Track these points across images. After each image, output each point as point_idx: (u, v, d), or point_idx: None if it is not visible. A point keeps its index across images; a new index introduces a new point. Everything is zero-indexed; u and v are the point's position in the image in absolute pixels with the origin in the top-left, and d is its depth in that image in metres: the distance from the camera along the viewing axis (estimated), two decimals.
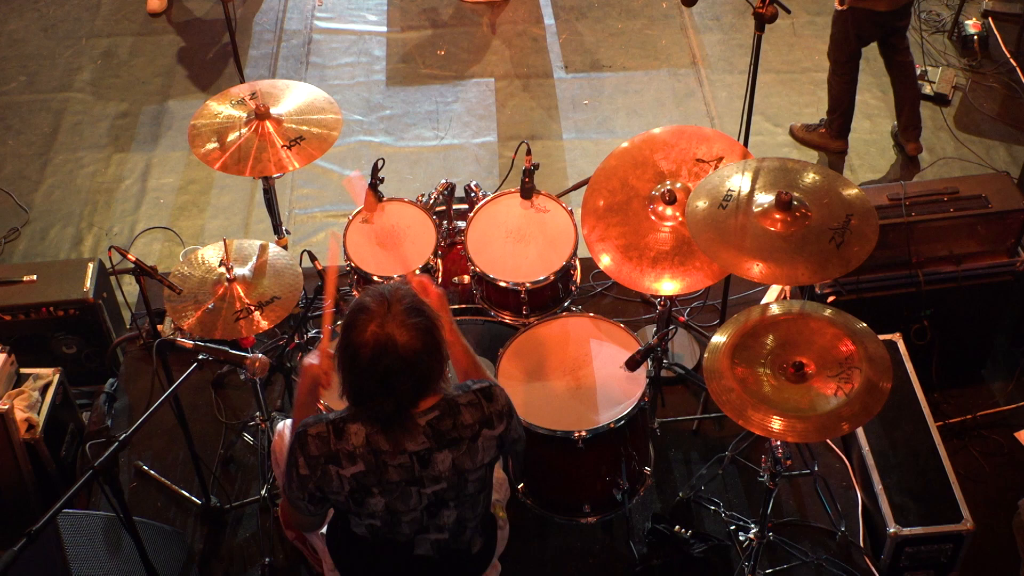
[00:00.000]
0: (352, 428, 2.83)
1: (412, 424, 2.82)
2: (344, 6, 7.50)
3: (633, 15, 7.38)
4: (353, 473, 2.83)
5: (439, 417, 2.84)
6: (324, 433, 2.84)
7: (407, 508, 2.91)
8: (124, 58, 7.09)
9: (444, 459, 2.86)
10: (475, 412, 2.89)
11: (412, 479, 2.86)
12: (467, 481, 2.92)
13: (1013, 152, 6.25)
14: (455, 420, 2.86)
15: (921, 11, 7.14)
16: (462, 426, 2.86)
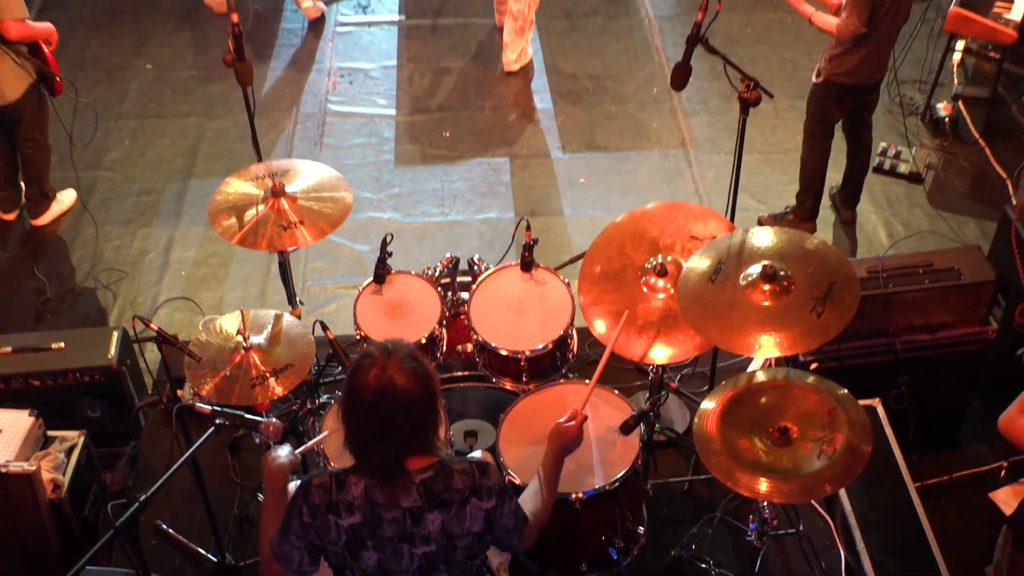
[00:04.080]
0: (352, 479, 2.84)
1: (407, 480, 2.83)
2: (356, 91, 7.57)
3: (625, 99, 7.45)
4: (350, 523, 2.83)
5: (432, 478, 2.85)
6: (327, 483, 2.85)
7: (399, 569, 2.89)
8: (150, 139, 7.15)
9: (434, 520, 2.85)
10: (467, 479, 2.89)
11: (404, 535, 2.85)
12: (455, 548, 2.90)
13: (983, 227, 6.27)
14: (447, 483, 2.86)
15: (896, 95, 7.20)
16: (453, 489, 2.86)
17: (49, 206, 6.50)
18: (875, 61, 5.65)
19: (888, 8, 5.42)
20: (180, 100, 7.52)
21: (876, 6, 5.40)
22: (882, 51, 5.66)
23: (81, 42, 8.04)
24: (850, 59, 5.62)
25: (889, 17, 5.48)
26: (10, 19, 5.65)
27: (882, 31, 5.52)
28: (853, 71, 5.66)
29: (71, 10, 8.36)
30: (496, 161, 6.97)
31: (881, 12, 5.43)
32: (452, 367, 4.73)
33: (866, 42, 5.55)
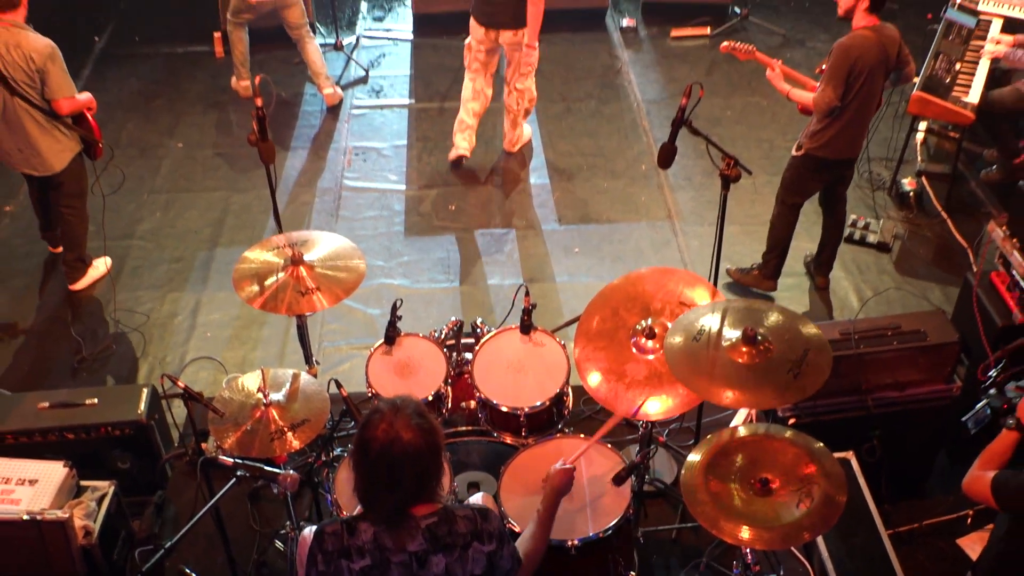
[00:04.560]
0: (362, 526, 2.84)
1: (413, 525, 2.83)
2: (369, 168, 7.62)
3: (617, 175, 7.49)
4: (361, 567, 2.82)
5: (437, 523, 2.84)
6: (338, 531, 2.85)
7: None
8: (180, 211, 7.18)
9: (439, 562, 2.83)
10: (469, 524, 2.89)
11: None
12: None
13: (947, 292, 6.27)
14: (450, 527, 2.85)
15: (865, 171, 7.25)
16: (456, 534, 2.85)
17: (86, 271, 6.51)
18: (850, 136, 5.70)
19: (861, 85, 5.47)
20: (208, 176, 7.56)
21: (851, 83, 5.46)
22: (856, 127, 5.70)
23: (119, 123, 8.11)
24: (828, 134, 5.67)
25: (862, 94, 5.52)
26: (63, 97, 5.71)
27: (855, 108, 5.57)
28: (830, 145, 5.70)
29: (111, 93, 8.44)
30: (497, 232, 6.99)
31: (855, 89, 5.48)
32: (457, 422, 4.71)
33: (841, 118, 5.60)
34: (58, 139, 5.86)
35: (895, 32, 5.54)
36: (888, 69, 5.58)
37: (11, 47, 5.49)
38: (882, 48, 5.46)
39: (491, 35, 6.89)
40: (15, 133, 5.76)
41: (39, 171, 5.93)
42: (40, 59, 5.54)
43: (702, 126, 4.62)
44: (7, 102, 5.65)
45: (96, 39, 9.27)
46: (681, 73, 8.65)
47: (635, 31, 9.33)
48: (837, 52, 5.44)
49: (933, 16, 7.51)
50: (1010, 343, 4.85)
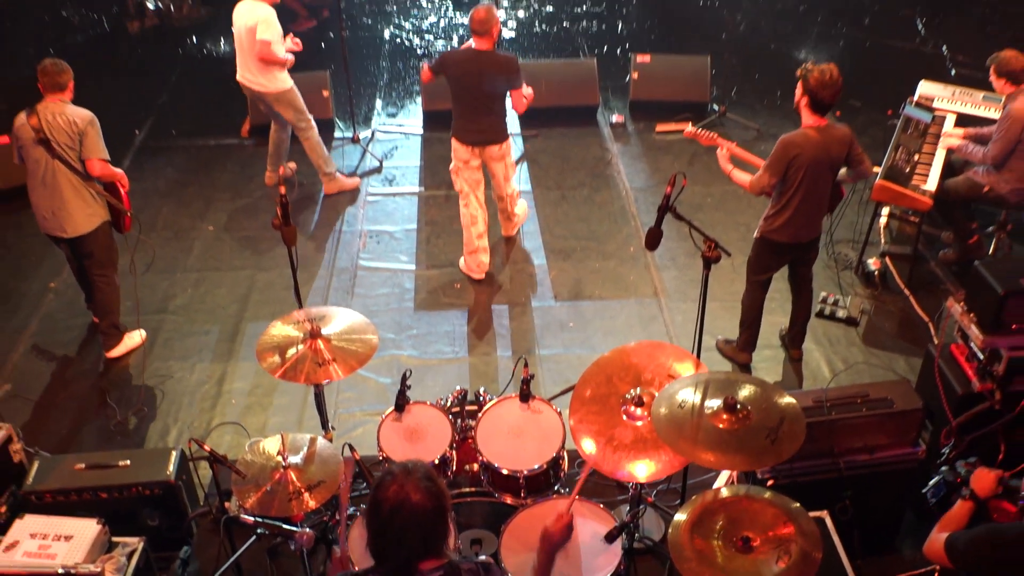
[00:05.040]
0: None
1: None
2: (382, 249, 7.66)
3: (608, 256, 7.53)
4: None
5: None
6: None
7: None
8: (209, 288, 7.21)
9: None
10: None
11: None
12: None
13: (911, 363, 6.26)
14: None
15: (833, 253, 7.29)
16: None
17: (121, 339, 6.54)
18: (798, 223, 5.70)
19: (802, 178, 5.50)
20: (236, 256, 7.60)
21: (790, 175, 5.51)
22: (802, 216, 5.68)
23: (156, 208, 8.18)
24: (778, 219, 5.73)
25: (804, 186, 5.54)
26: (96, 157, 5.91)
27: (800, 198, 5.59)
28: (781, 230, 5.75)
29: (148, 181, 8.54)
30: (498, 308, 7.00)
31: (796, 181, 5.52)
32: (461, 484, 4.67)
33: (789, 206, 5.64)
34: (88, 203, 6.03)
35: (844, 132, 5.57)
36: (834, 166, 5.59)
37: (57, 115, 5.80)
38: (824, 147, 5.47)
39: (476, 152, 6.86)
40: (51, 194, 5.94)
41: (68, 233, 6.05)
42: (82, 123, 5.83)
43: (685, 212, 4.67)
44: (47, 164, 5.87)
45: (136, 132, 9.41)
46: (665, 164, 8.75)
47: (623, 126, 9.46)
48: (778, 145, 5.52)
49: (893, 112, 7.63)
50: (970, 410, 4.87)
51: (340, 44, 9.04)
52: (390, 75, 10.71)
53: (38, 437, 5.76)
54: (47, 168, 5.87)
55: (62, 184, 5.90)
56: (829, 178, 5.62)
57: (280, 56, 7.45)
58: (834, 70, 5.40)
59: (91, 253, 6.18)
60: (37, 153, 5.85)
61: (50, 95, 5.85)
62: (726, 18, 10.89)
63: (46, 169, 5.88)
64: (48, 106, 5.81)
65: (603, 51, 11.18)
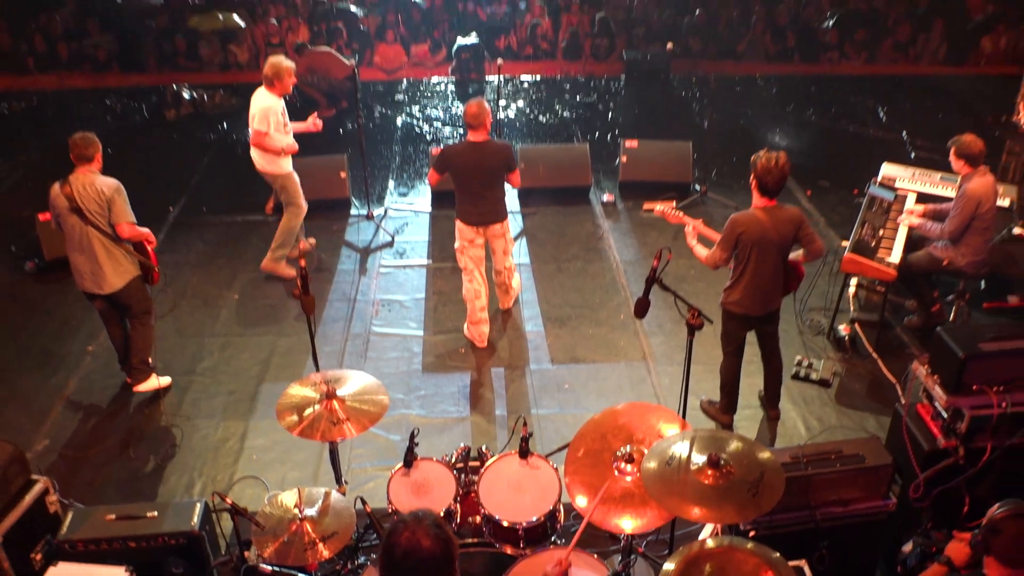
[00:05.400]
0: None
1: None
2: (394, 316, 7.66)
3: (600, 323, 7.52)
4: None
5: None
6: None
7: None
8: (234, 352, 7.19)
9: None
10: None
11: None
12: None
13: (880, 421, 6.22)
14: None
15: (807, 320, 7.30)
16: None
17: (149, 376, 6.66)
18: (750, 297, 5.71)
19: (749, 255, 5.54)
20: (259, 323, 7.59)
21: (739, 252, 5.55)
22: (752, 289, 5.68)
23: (186, 278, 8.20)
24: (733, 293, 5.76)
25: (753, 263, 5.57)
26: (124, 222, 6.08)
27: (750, 273, 5.61)
28: (737, 302, 5.76)
29: (180, 254, 8.58)
30: (499, 371, 6.97)
31: (744, 258, 5.56)
32: (464, 535, 4.60)
33: (740, 281, 5.67)
34: (120, 262, 6.19)
35: (793, 213, 5.57)
36: (782, 245, 5.56)
37: (87, 186, 5.96)
38: (771, 226, 5.49)
39: (480, 231, 6.93)
40: (87, 257, 6.11)
41: (104, 290, 6.20)
42: (109, 192, 5.99)
43: (670, 283, 4.68)
44: (81, 230, 6.03)
45: (171, 209, 9.48)
46: (652, 239, 8.80)
47: (614, 204, 9.53)
48: (727, 223, 5.57)
49: (859, 191, 7.70)
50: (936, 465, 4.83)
51: (357, 131, 9.16)
52: (402, 158, 10.84)
53: (73, 489, 5.70)
54: (82, 233, 6.05)
55: (96, 247, 6.07)
56: (777, 256, 5.59)
57: (272, 145, 7.49)
58: (781, 157, 5.44)
59: (127, 305, 6.37)
60: (72, 220, 6.02)
61: (80, 166, 6.02)
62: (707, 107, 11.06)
63: (81, 234, 6.05)
64: (79, 177, 5.98)
65: (595, 137, 11.32)
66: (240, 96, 11.84)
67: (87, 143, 6.00)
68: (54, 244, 7.98)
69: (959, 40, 14.06)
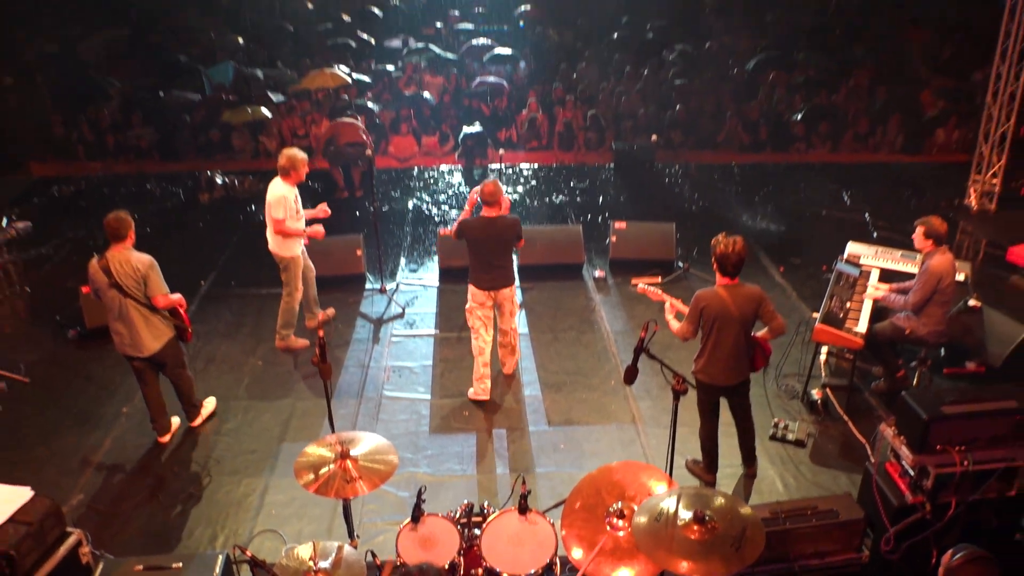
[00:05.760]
0: None
1: None
2: (404, 382, 7.62)
3: (593, 388, 7.48)
4: None
5: None
6: None
7: None
8: (257, 414, 7.13)
9: None
10: None
11: None
12: None
13: (852, 479, 6.13)
14: None
15: (782, 386, 7.26)
16: None
17: (199, 412, 6.89)
18: (714, 368, 5.69)
19: (711, 330, 5.56)
20: (280, 387, 7.55)
21: (703, 326, 5.59)
22: (716, 361, 5.67)
23: (215, 346, 8.19)
24: (700, 362, 5.78)
25: (714, 337, 5.58)
26: (160, 294, 6.19)
27: (712, 346, 5.62)
28: (703, 371, 5.77)
29: (209, 324, 8.58)
30: (500, 432, 6.90)
31: (707, 332, 5.59)
32: None
33: (704, 354, 5.69)
34: (156, 327, 6.31)
35: (754, 292, 5.57)
36: (743, 320, 5.54)
37: (123, 263, 6.05)
38: (732, 304, 5.49)
39: (491, 295, 7.03)
40: (126, 325, 6.23)
41: (143, 353, 6.31)
42: (144, 268, 6.09)
43: (657, 351, 4.68)
44: (120, 302, 6.14)
45: (202, 283, 9.51)
46: (640, 311, 8.80)
47: (605, 280, 9.56)
48: (692, 300, 5.61)
49: (827, 268, 7.72)
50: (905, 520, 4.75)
51: (372, 213, 9.24)
52: (412, 238, 10.91)
53: (104, 541, 5.60)
54: (121, 305, 6.15)
55: (134, 317, 6.18)
56: (738, 330, 5.56)
57: (293, 229, 7.54)
58: (738, 242, 5.51)
59: (164, 363, 6.49)
60: (111, 294, 6.12)
61: (115, 244, 6.11)
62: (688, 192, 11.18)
63: (120, 305, 6.16)
64: (115, 254, 6.07)
65: (587, 219, 11.41)
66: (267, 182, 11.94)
67: (120, 223, 6.09)
68: (95, 314, 8.03)
69: (914, 132, 14.29)
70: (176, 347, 6.51)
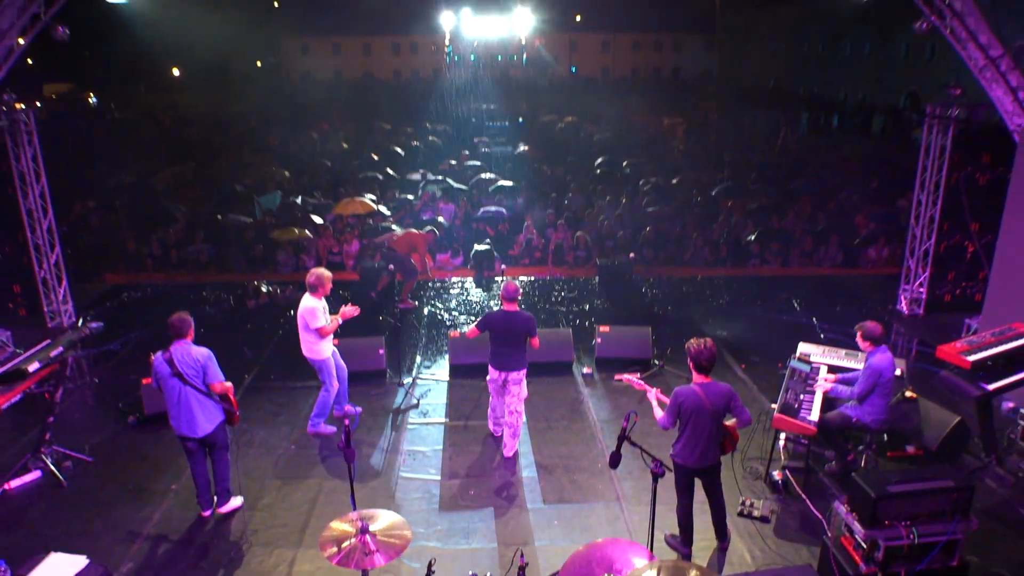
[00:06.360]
0: None
1: None
2: (417, 464, 7.48)
3: (582, 471, 7.33)
4: None
5: None
6: None
7: None
8: (288, 492, 6.98)
9: None
10: None
11: None
12: None
13: (812, 551, 5.95)
14: None
15: (746, 467, 7.12)
16: None
17: (230, 499, 6.64)
18: (691, 452, 5.62)
19: (688, 421, 5.52)
20: (308, 469, 7.40)
21: (681, 417, 5.54)
22: (692, 447, 5.60)
23: (254, 431, 8.06)
24: (678, 447, 5.71)
25: (690, 427, 5.53)
26: (216, 382, 6.20)
27: (688, 434, 5.57)
28: (680, 455, 5.70)
29: (251, 412, 8.45)
30: (501, 508, 6.72)
31: (684, 422, 5.54)
32: None
33: (681, 439, 5.64)
34: (209, 411, 6.28)
35: (725, 389, 5.57)
36: (715, 413, 5.52)
37: (185, 355, 6.11)
38: (706, 399, 5.48)
39: (503, 375, 7.21)
40: (184, 410, 6.19)
41: (198, 434, 6.24)
42: (203, 359, 6.15)
43: (637, 439, 4.62)
44: (180, 389, 6.13)
45: (246, 376, 9.44)
46: (623, 403, 8.69)
47: (592, 375, 9.49)
48: (672, 396, 5.59)
49: (783, 364, 7.69)
50: None
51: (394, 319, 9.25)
52: (427, 339, 10.89)
53: None
54: (180, 392, 6.14)
55: (191, 402, 6.16)
56: (711, 421, 5.53)
57: (331, 327, 7.51)
58: (708, 341, 5.57)
59: (213, 443, 6.39)
60: (172, 382, 6.12)
61: (177, 340, 6.15)
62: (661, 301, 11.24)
63: (180, 393, 6.14)
64: (178, 348, 6.12)
65: (576, 323, 11.43)
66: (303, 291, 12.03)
67: (182, 322, 6.18)
68: (153, 402, 7.96)
69: (851, 249, 14.50)
70: (224, 431, 6.43)
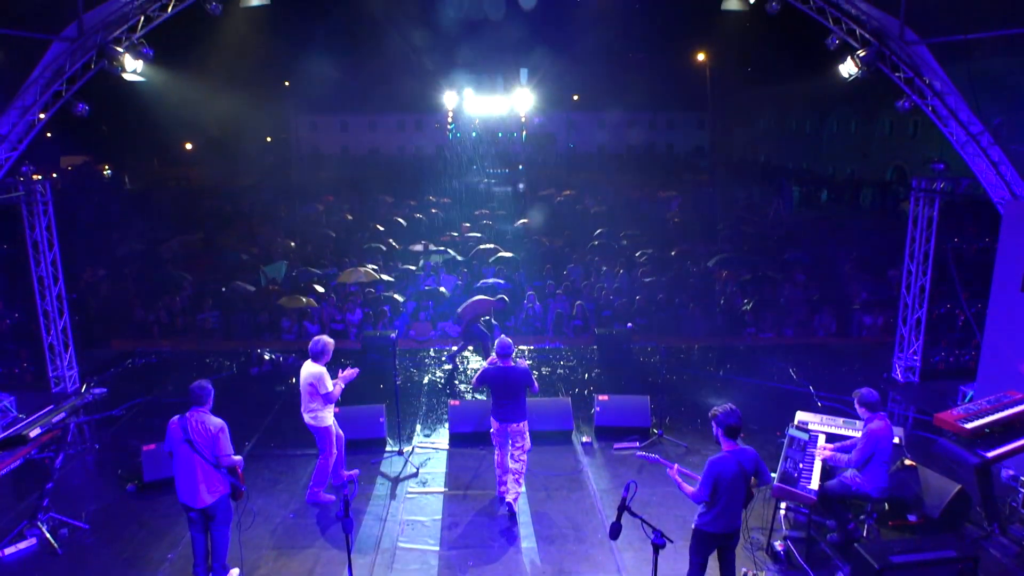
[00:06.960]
0: None
1: None
2: (416, 534, 7.33)
3: (581, 541, 7.16)
4: None
5: None
6: None
7: None
8: (285, 562, 6.79)
9: None
10: None
11: None
12: None
13: None
14: None
15: (749, 538, 6.97)
16: None
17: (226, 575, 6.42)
18: (724, 519, 5.55)
19: (725, 488, 5.46)
20: (306, 538, 7.23)
21: (717, 486, 5.46)
22: (729, 514, 5.54)
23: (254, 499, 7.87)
24: (709, 518, 5.58)
25: (726, 494, 5.47)
26: (225, 454, 6.08)
27: (725, 502, 5.50)
28: (711, 523, 5.57)
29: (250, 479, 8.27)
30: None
31: (721, 490, 5.47)
32: None
33: (716, 506, 5.53)
34: (215, 482, 6.13)
35: (752, 454, 5.58)
36: (747, 478, 5.53)
37: (199, 423, 6.01)
38: (738, 464, 5.47)
39: (504, 427, 7.39)
40: (190, 478, 6.04)
41: (198, 504, 6.08)
42: (215, 430, 6.05)
43: (637, 509, 4.56)
44: (188, 457, 6.03)
45: (247, 443, 9.31)
46: (622, 472, 8.56)
47: (591, 444, 9.36)
48: (707, 466, 5.53)
49: (781, 433, 7.62)
50: None
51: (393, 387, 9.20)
52: (427, 407, 10.79)
53: None
54: (188, 459, 6.02)
55: (197, 471, 6.02)
56: (744, 486, 5.54)
57: (337, 393, 7.51)
58: (732, 406, 5.55)
59: (214, 516, 6.19)
60: (183, 448, 6.02)
61: (194, 408, 6.08)
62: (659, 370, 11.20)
63: (187, 460, 6.02)
64: (194, 416, 6.04)
65: (575, 392, 11.35)
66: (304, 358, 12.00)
67: (203, 390, 6.12)
68: (152, 469, 7.84)
69: (845, 318, 14.52)
70: (228, 505, 6.22)
